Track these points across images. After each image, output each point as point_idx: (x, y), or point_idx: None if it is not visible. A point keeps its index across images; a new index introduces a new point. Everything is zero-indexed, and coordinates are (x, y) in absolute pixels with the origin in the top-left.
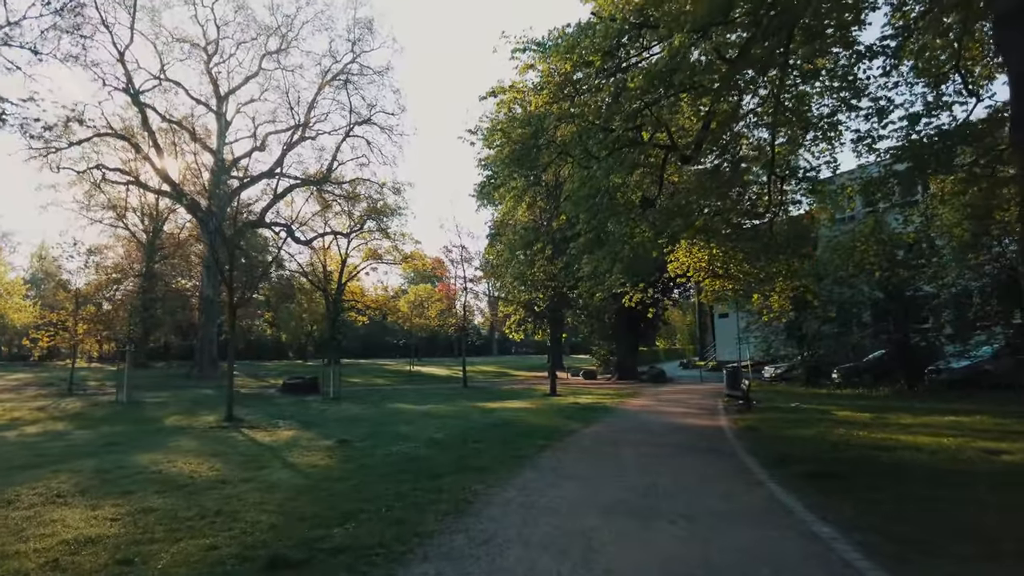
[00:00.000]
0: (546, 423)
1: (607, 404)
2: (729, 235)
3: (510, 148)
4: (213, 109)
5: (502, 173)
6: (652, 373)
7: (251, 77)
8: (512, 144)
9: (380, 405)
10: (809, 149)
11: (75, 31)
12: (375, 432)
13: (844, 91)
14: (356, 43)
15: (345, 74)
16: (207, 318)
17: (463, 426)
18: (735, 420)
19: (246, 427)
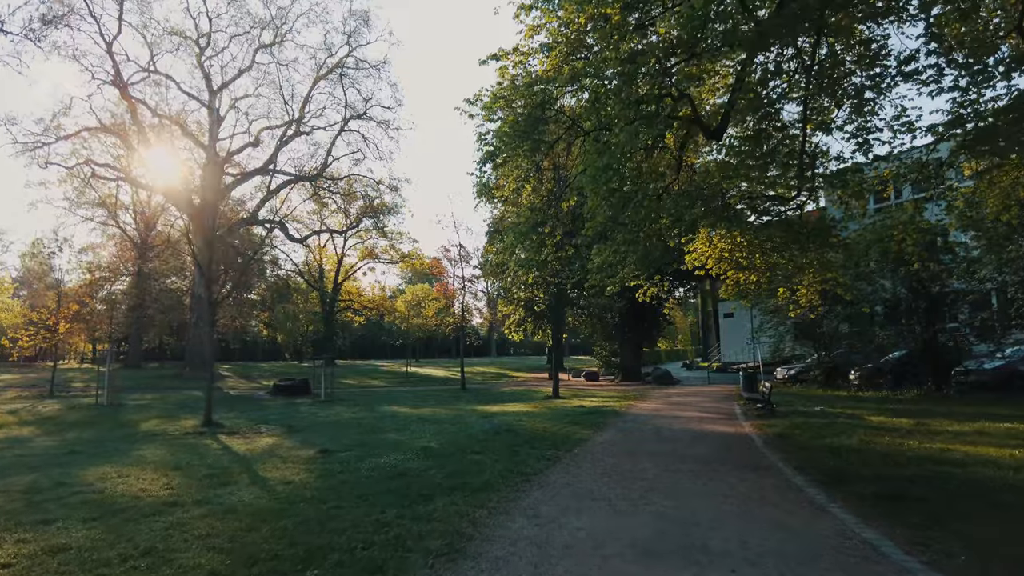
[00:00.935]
0: (551, 429)
1: (615, 407)
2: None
3: (513, 118)
4: (205, 103)
5: (504, 149)
6: (657, 374)
7: (244, 71)
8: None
9: (373, 408)
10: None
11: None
12: (363, 440)
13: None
14: (351, 36)
15: (340, 68)
16: (199, 317)
17: (460, 433)
18: (760, 426)
19: (224, 433)
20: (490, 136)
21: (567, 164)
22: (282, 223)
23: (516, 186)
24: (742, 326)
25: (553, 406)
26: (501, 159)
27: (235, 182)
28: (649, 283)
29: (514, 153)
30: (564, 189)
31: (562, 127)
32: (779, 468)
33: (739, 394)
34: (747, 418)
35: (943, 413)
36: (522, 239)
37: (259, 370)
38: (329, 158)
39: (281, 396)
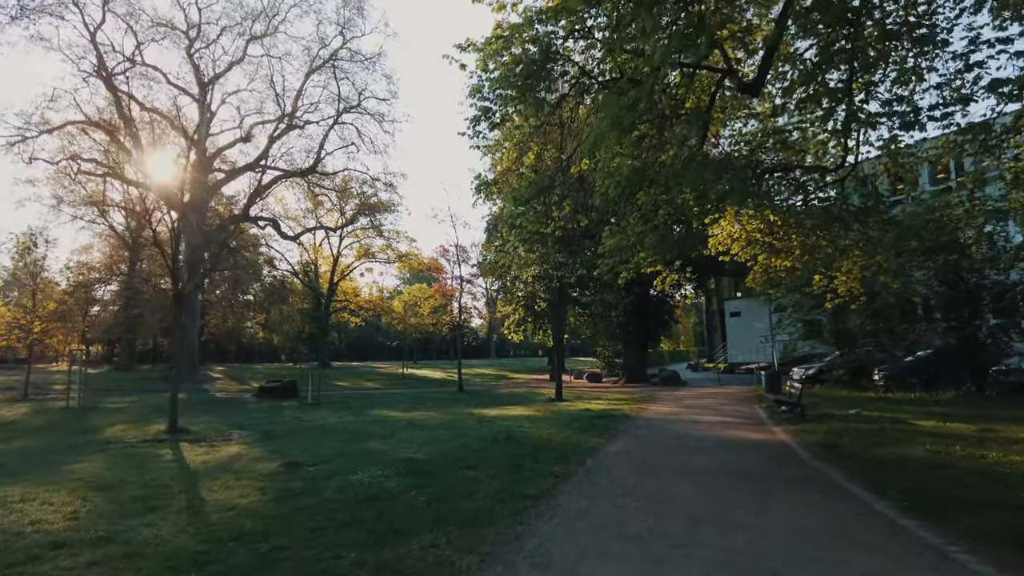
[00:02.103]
0: (557, 437)
1: (625, 411)
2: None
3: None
4: (194, 96)
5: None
6: (664, 375)
7: (236, 63)
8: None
9: (362, 412)
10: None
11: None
12: (341, 449)
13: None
14: (345, 27)
15: (334, 60)
16: (187, 317)
17: (453, 441)
18: (796, 432)
19: (188, 440)
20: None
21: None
22: (274, 220)
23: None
24: (749, 326)
25: (557, 409)
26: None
27: (225, 178)
28: (668, 269)
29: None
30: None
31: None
32: (846, 488)
33: (760, 396)
34: (776, 422)
35: (1008, 418)
36: (523, 207)
37: (252, 372)
38: (322, 152)
39: (267, 399)
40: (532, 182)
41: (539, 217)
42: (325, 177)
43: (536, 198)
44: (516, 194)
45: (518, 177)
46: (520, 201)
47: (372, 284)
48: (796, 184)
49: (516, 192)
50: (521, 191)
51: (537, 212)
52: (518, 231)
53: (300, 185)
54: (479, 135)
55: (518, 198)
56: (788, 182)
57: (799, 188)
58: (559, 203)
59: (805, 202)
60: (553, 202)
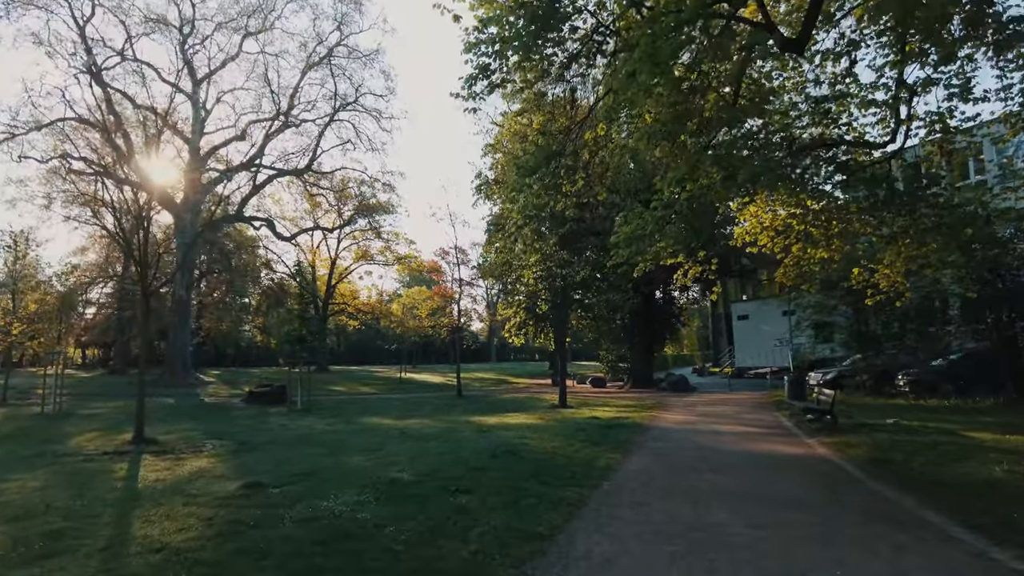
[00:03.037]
0: (565, 451)
1: (636, 420)
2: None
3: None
4: (187, 93)
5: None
6: (672, 380)
7: (230, 60)
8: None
9: (352, 419)
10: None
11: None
12: (317, 465)
13: None
14: (342, 23)
15: (331, 57)
16: (179, 320)
17: (447, 456)
18: (835, 445)
19: (154, 452)
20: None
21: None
22: (269, 220)
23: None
24: (758, 329)
25: (561, 417)
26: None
27: (219, 177)
28: (691, 261)
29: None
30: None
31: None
32: (936, 524)
33: (779, 402)
34: (807, 433)
35: None
36: (530, 177)
37: (248, 376)
38: (318, 150)
39: (255, 404)
40: (540, 146)
41: (547, 189)
42: (323, 177)
43: (546, 165)
44: (520, 162)
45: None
46: (525, 170)
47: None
48: (837, 164)
49: (520, 160)
50: (527, 159)
51: (545, 184)
52: (522, 207)
53: (297, 185)
54: (475, 97)
55: (523, 167)
56: (827, 161)
57: (841, 168)
58: (571, 173)
59: (847, 183)
60: (564, 171)
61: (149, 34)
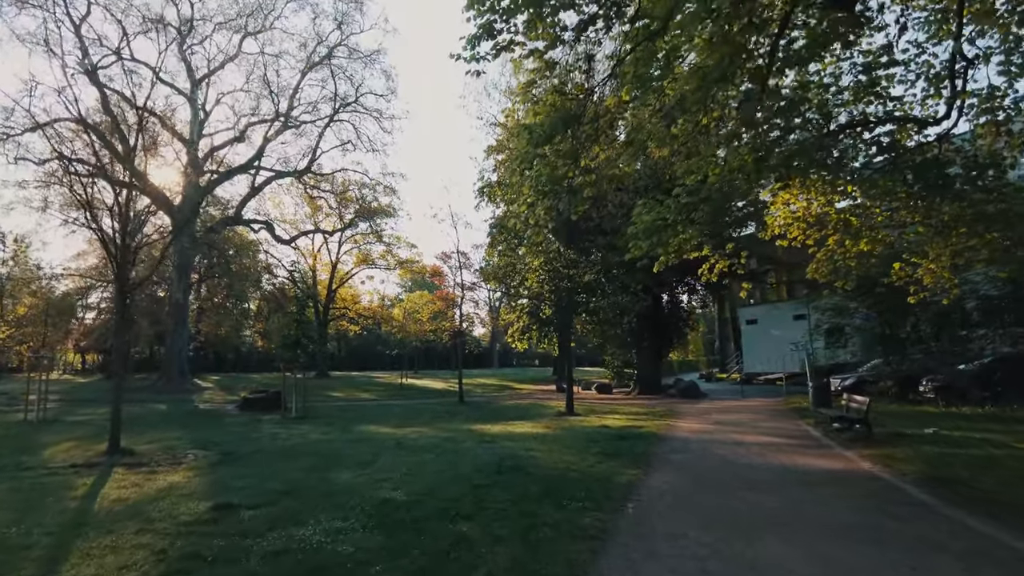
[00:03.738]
0: (578, 465)
1: (650, 429)
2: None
3: None
4: (186, 94)
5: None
6: (682, 387)
7: (229, 60)
8: None
9: (348, 427)
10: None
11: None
12: (301, 482)
13: None
14: (343, 23)
15: (331, 57)
16: (176, 324)
17: (446, 472)
18: (880, 460)
19: (127, 465)
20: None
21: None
22: (268, 223)
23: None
24: (767, 333)
25: (569, 425)
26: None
27: (218, 179)
28: (718, 254)
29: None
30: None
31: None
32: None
33: (799, 409)
34: (841, 444)
35: None
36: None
37: (247, 382)
38: (318, 151)
39: (250, 411)
40: (556, 107)
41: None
42: (323, 179)
43: (563, 130)
44: (533, 127)
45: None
46: (538, 137)
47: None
48: (880, 145)
49: (533, 125)
50: (541, 122)
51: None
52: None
53: (297, 188)
54: (477, 59)
55: (536, 132)
56: (869, 143)
57: (886, 149)
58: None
59: (894, 167)
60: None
61: (146, 32)
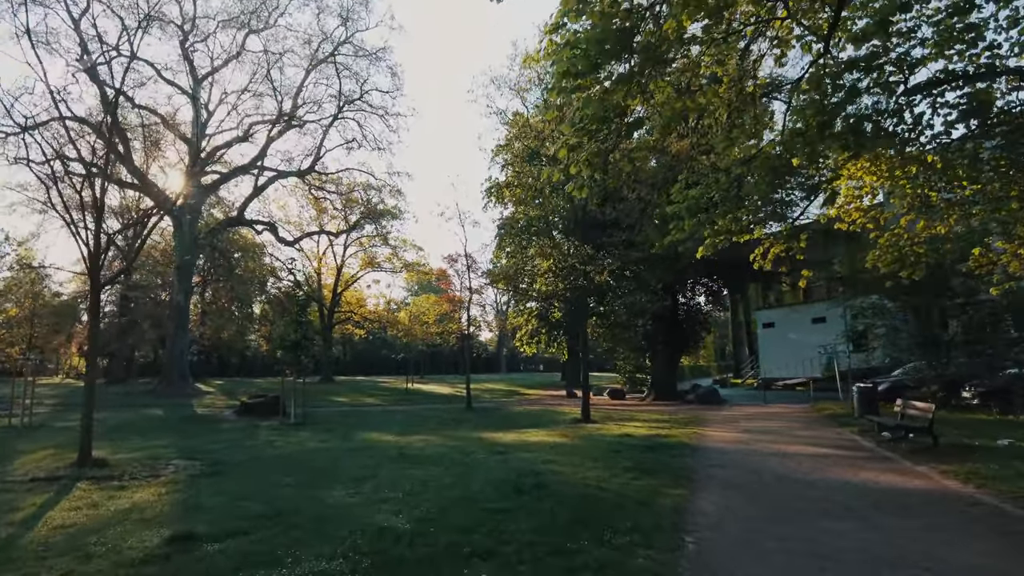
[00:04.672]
0: (608, 483)
1: (678, 438)
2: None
3: None
4: (188, 92)
5: None
6: (701, 392)
7: (232, 58)
8: None
9: (349, 435)
10: None
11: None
12: (285, 504)
13: None
14: (348, 20)
15: (336, 55)
16: (177, 327)
17: (455, 490)
18: (967, 477)
19: (96, 477)
20: None
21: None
22: (272, 224)
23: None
24: (784, 337)
25: (588, 434)
26: None
27: (221, 179)
28: (772, 238)
29: None
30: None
31: None
32: None
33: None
34: (904, 456)
35: None
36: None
37: (250, 387)
38: (322, 150)
39: (248, 416)
40: (606, 15)
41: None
42: (327, 180)
43: (617, 48)
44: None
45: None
46: (582, 59)
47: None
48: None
49: (575, 40)
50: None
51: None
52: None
53: (302, 190)
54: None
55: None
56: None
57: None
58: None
59: (986, 128)
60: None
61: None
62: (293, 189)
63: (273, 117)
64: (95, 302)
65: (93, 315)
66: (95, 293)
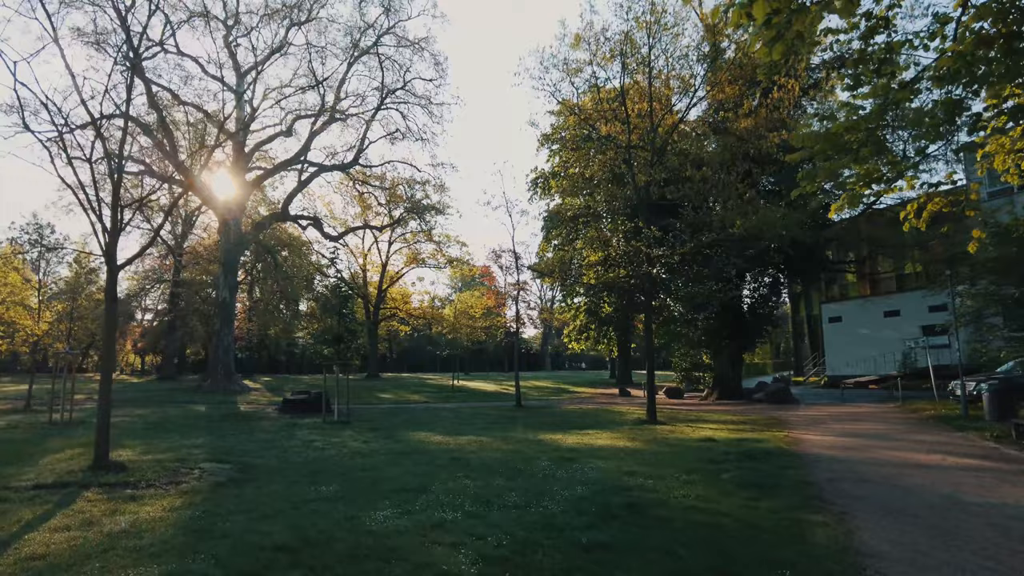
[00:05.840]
0: (722, 505)
1: (771, 443)
2: None
3: None
4: (232, 88)
5: None
6: (770, 391)
7: (276, 51)
8: None
9: (395, 434)
10: None
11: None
12: (313, 528)
13: None
14: (390, 10)
15: (378, 46)
16: (222, 323)
17: (527, 513)
18: None
19: (105, 485)
20: None
21: None
22: (316, 219)
23: None
24: (853, 332)
25: (660, 437)
26: None
27: (264, 174)
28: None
29: None
30: None
31: None
32: None
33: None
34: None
35: None
36: None
37: (297, 383)
38: (365, 142)
39: (289, 413)
40: None
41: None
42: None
43: None
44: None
45: None
46: None
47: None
48: None
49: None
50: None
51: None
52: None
53: (346, 186)
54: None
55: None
56: None
57: None
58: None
59: None
60: None
61: (190, 20)
62: (338, 186)
63: (316, 111)
64: (111, 286)
65: (109, 300)
66: (111, 275)
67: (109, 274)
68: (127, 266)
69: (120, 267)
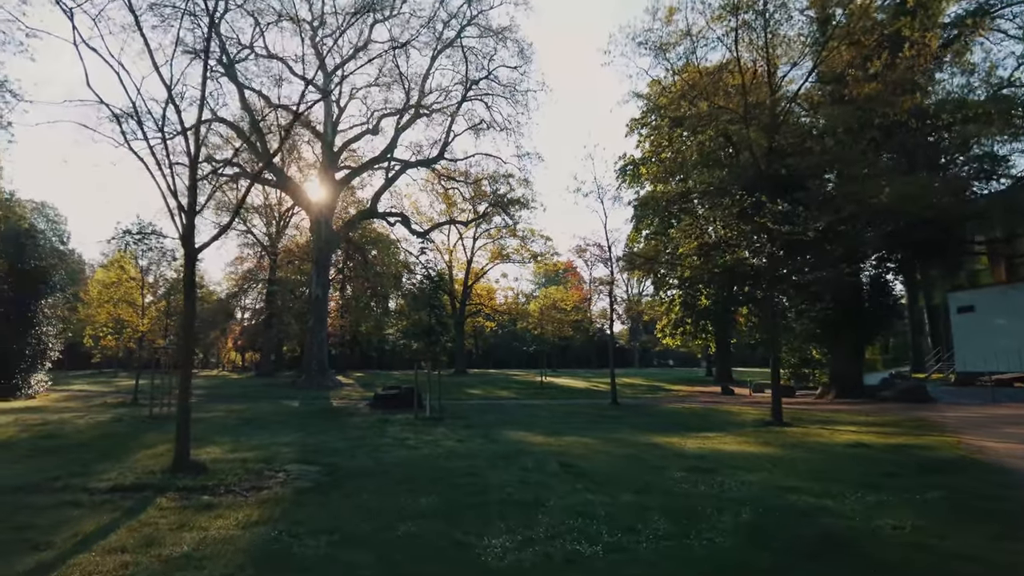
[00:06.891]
0: (946, 539)
1: (942, 450)
2: None
3: None
4: (319, 87)
5: None
6: (903, 388)
7: (360, 48)
8: None
9: (491, 433)
10: None
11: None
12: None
13: None
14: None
15: (461, 37)
16: (316, 320)
17: (692, 548)
18: None
19: (182, 490)
20: None
21: None
22: (403, 215)
23: None
24: (989, 323)
25: (799, 441)
26: None
27: (352, 172)
28: None
29: None
30: None
31: None
32: None
33: None
34: None
35: None
36: None
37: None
38: (450, 135)
39: (381, 409)
40: None
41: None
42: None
43: None
44: None
45: None
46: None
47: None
48: None
49: None
50: None
51: None
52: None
53: (431, 184)
54: None
55: None
56: None
57: None
58: None
59: None
60: None
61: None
62: (424, 184)
63: (400, 107)
64: (190, 274)
65: (187, 287)
66: (189, 262)
67: (187, 259)
68: (205, 248)
69: (198, 250)
